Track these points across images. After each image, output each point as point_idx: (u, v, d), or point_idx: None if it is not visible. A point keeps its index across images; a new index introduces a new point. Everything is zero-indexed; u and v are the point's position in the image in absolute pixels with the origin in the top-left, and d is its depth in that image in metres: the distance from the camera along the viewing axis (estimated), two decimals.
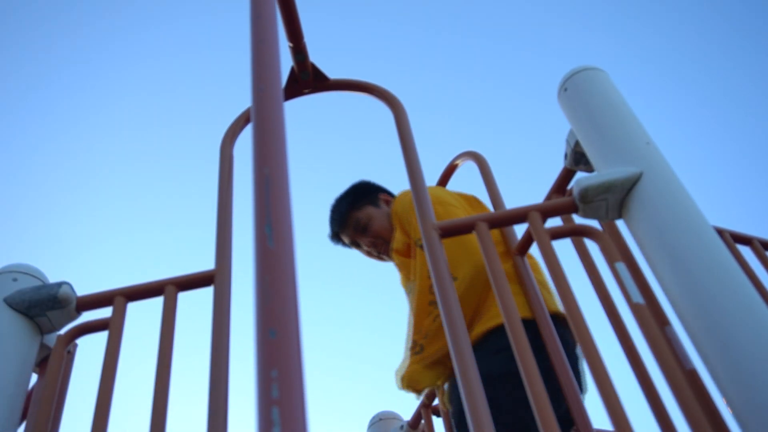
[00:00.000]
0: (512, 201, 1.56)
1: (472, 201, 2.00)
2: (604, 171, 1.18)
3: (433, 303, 1.69)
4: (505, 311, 1.10)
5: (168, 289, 1.20)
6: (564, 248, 1.25)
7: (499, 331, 1.55)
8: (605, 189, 1.14)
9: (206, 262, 1.24)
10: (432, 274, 1.14)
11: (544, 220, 1.22)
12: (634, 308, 1.10)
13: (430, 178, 1.89)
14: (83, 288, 1.26)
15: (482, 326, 1.65)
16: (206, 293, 1.20)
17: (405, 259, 1.96)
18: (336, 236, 2.27)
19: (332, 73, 1.60)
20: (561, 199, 1.28)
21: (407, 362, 1.75)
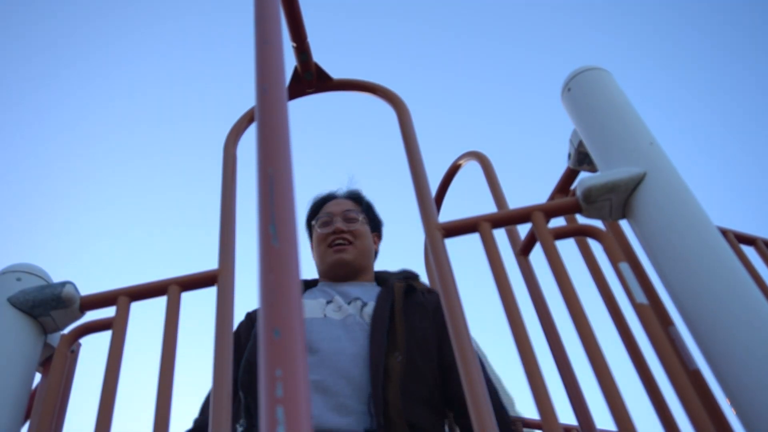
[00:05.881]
0: (515, 201, 1.56)
1: None
2: (607, 171, 1.18)
3: None
4: (507, 311, 1.09)
5: (171, 289, 1.20)
6: (567, 248, 1.25)
7: None
8: (609, 189, 1.14)
9: (210, 262, 1.25)
10: (435, 274, 1.14)
11: (547, 220, 1.22)
12: (638, 308, 1.10)
13: (434, 178, 1.89)
14: (87, 288, 1.27)
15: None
16: (210, 293, 1.21)
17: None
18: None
19: (336, 73, 1.60)
20: (564, 199, 1.28)
21: None
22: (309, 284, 2.11)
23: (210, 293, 1.20)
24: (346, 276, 2.03)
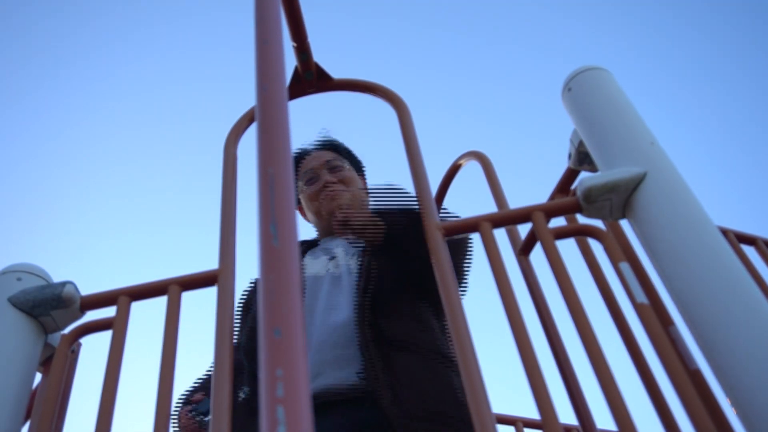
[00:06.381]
0: (516, 201, 1.56)
1: None
2: (608, 171, 1.18)
3: None
4: (507, 311, 1.09)
5: (172, 289, 1.20)
6: (568, 248, 1.24)
7: None
8: (609, 189, 1.14)
9: (210, 262, 1.25)
10: (436, 274, 1.13)
11: (547, 220, 1.22)
12: (638, 308, 1.10)
13: (434, 178, 1.89)
14: (87, 287, 1.27)
15: None
16: (210, 293, 1.21)
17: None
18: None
19: (336, 73, 1.60)
20: (565, 198, 1.28)
21: None
22: (311, 244, 2.08)
23: (210, 293, 1.20)
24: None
